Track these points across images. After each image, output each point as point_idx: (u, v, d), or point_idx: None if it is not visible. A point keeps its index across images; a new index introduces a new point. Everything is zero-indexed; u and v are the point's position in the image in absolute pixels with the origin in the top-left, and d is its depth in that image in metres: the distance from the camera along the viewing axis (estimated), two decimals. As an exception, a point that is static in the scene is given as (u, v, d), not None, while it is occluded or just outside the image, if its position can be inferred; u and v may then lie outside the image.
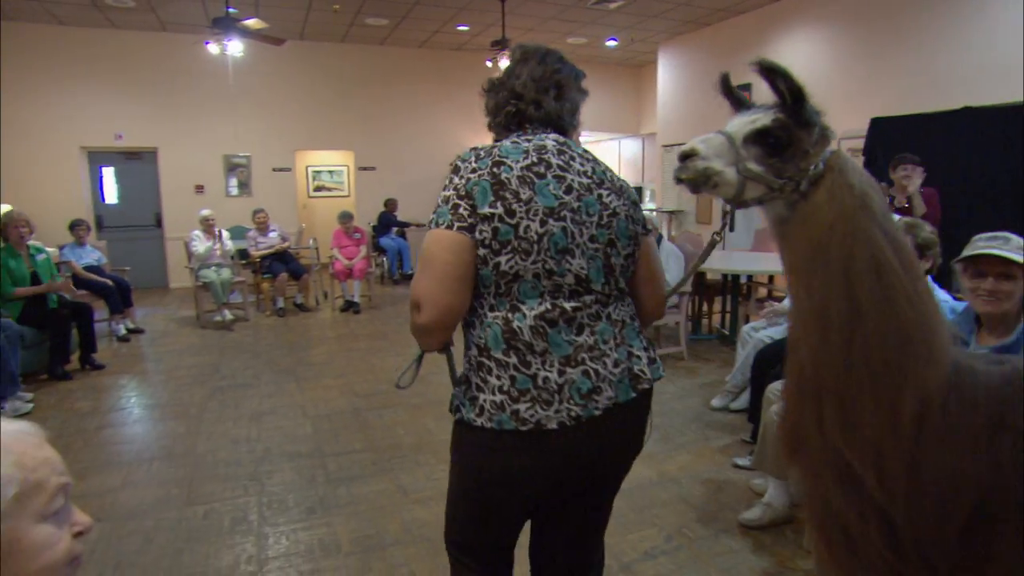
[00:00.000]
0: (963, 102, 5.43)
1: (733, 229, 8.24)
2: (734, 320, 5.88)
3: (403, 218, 9.84)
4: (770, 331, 3.80)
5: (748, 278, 6.31)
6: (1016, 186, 4.87)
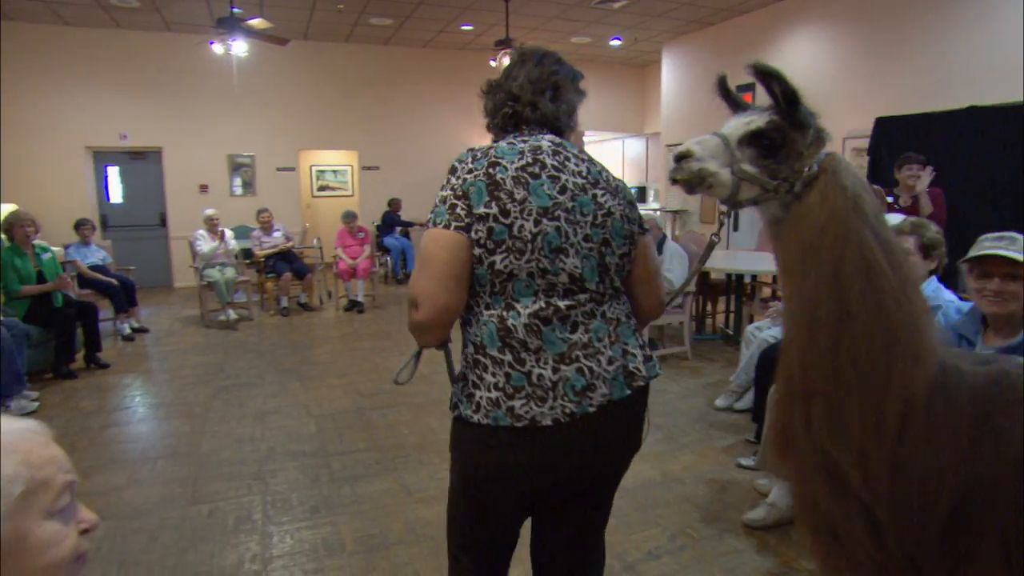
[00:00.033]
0: (968, 101, 5.41)
1: (737, 228, 8.25)
2: (738, 320, 5.87)
3: (407, 218, 9.85)
4: (774, 331, 3.80)
5: (752, 278, 6.29)
6: (1022, 185, 4.86)
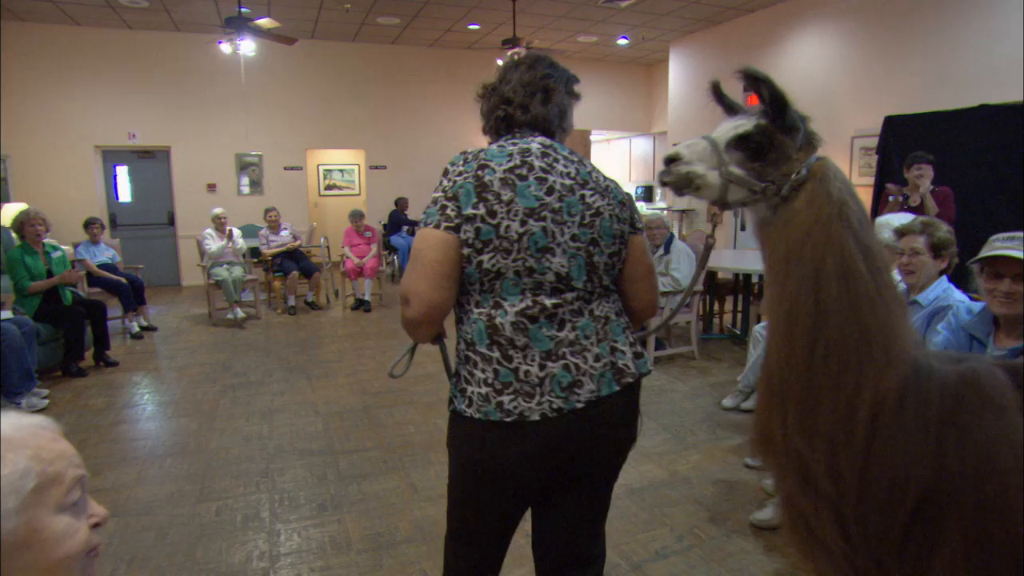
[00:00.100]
0: (980, 100, 5.37)
1: (744, 228, 8.22)
2: (745, 319, 5.86)
3: (413, 217, 9.86)
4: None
5: (759, 277, 6.27)
6: (1033, 185, 4.82)
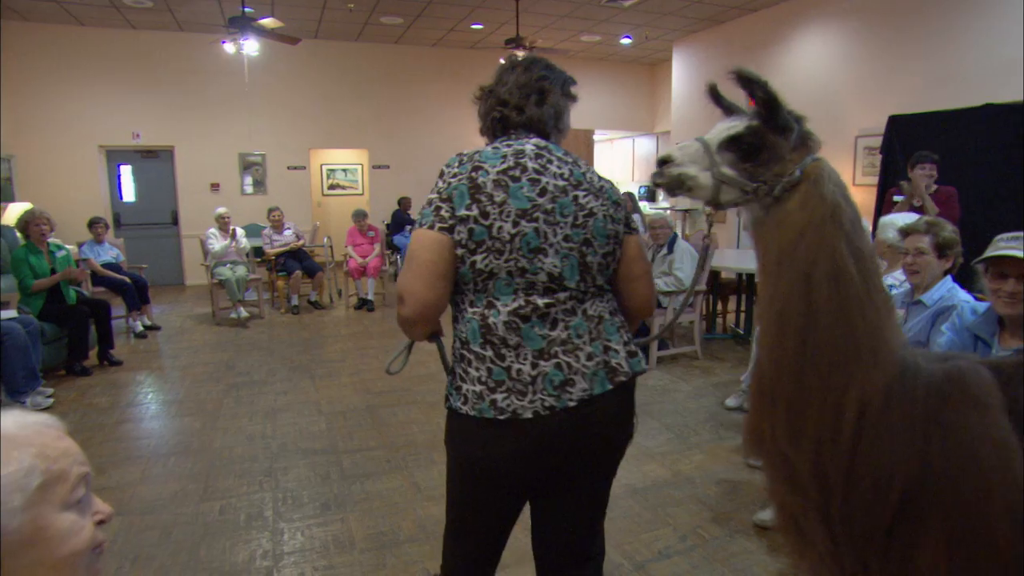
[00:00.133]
0: (984, 99, 5.35)
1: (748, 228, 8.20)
2: (749, 319, 5.84)
3: (416, 216, 9.85)
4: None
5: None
6: (1038, 185, 4.80)
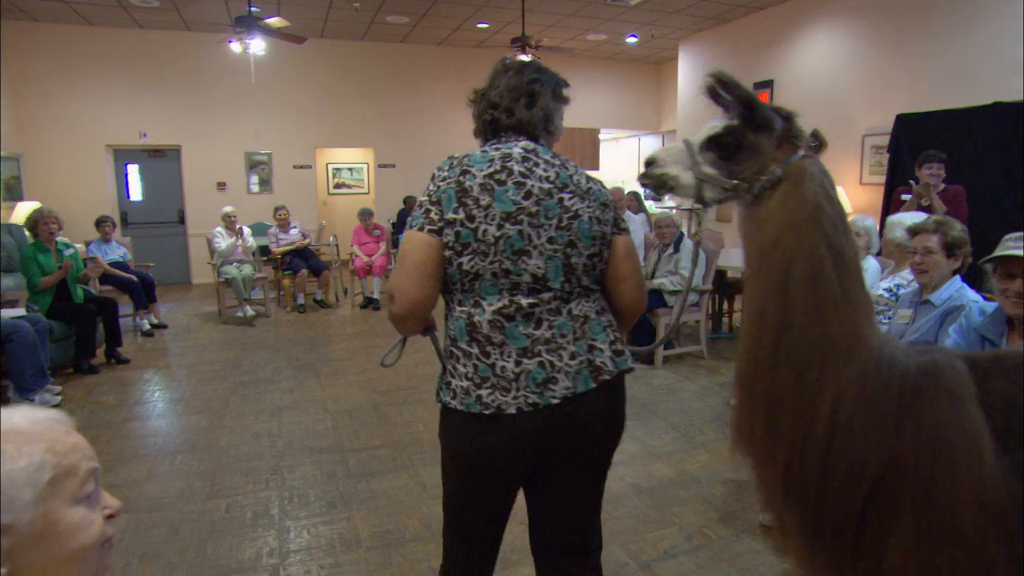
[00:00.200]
0: (993, 97, 5.32)
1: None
2: (755, 319, 5.81)
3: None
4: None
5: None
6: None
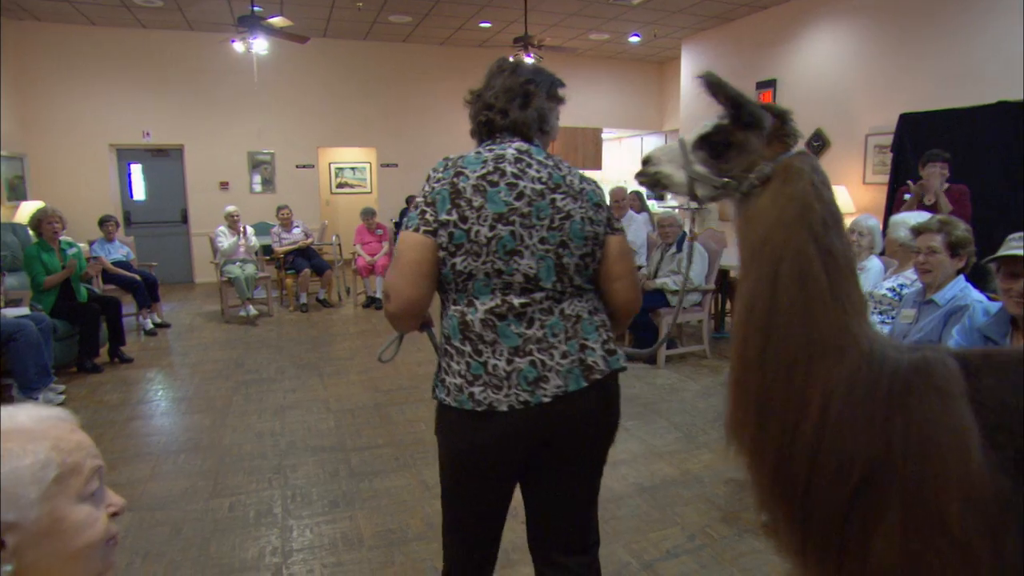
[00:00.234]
0: (996, 97, 5.30)
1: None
2: (757, 319, 5.80)
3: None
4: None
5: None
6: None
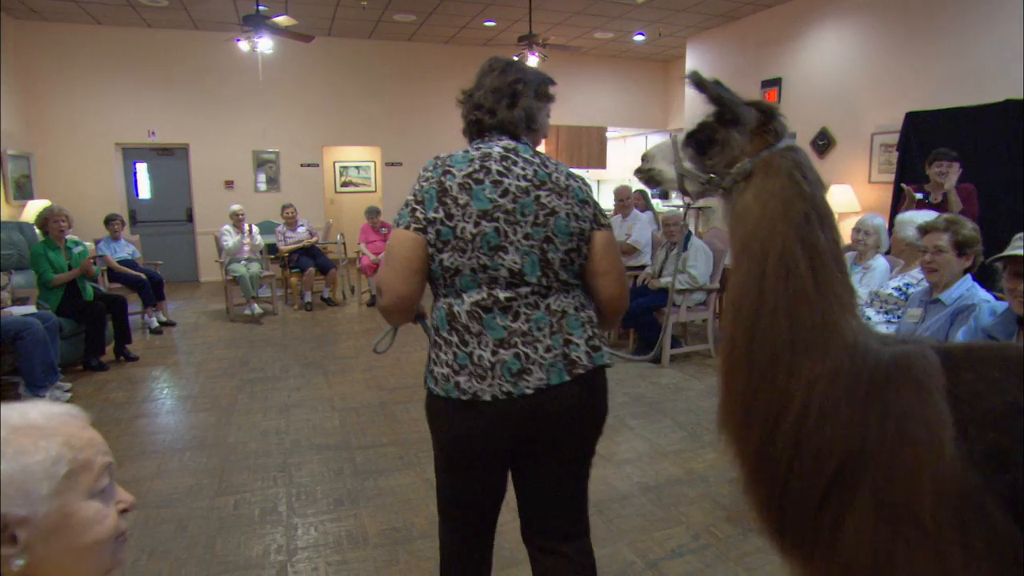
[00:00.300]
0: (1004, 95, 5.28)
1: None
2: (762, 318, 5.80)
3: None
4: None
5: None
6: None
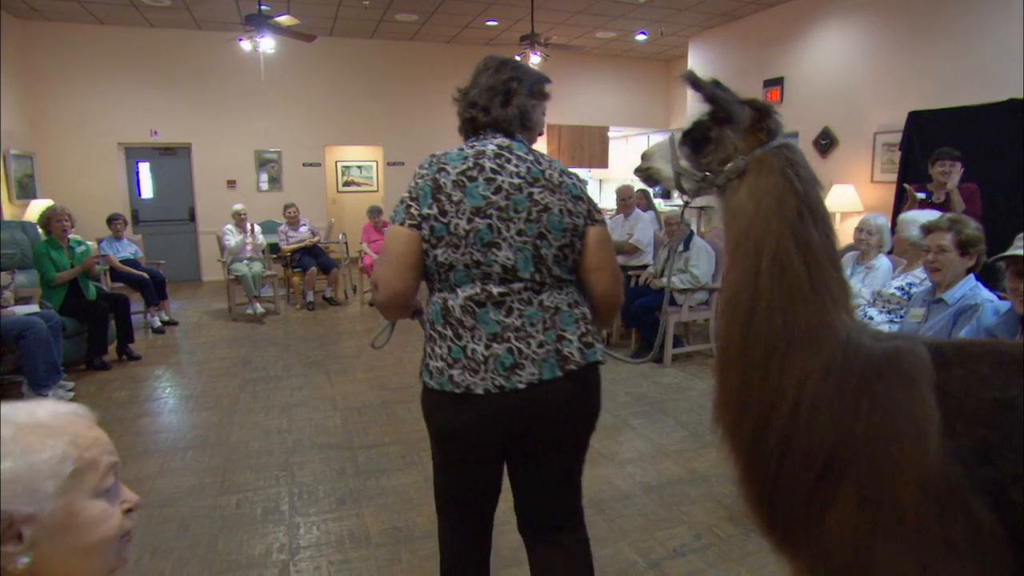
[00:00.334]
0: (1007, 94, 5.26)
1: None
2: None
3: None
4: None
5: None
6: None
